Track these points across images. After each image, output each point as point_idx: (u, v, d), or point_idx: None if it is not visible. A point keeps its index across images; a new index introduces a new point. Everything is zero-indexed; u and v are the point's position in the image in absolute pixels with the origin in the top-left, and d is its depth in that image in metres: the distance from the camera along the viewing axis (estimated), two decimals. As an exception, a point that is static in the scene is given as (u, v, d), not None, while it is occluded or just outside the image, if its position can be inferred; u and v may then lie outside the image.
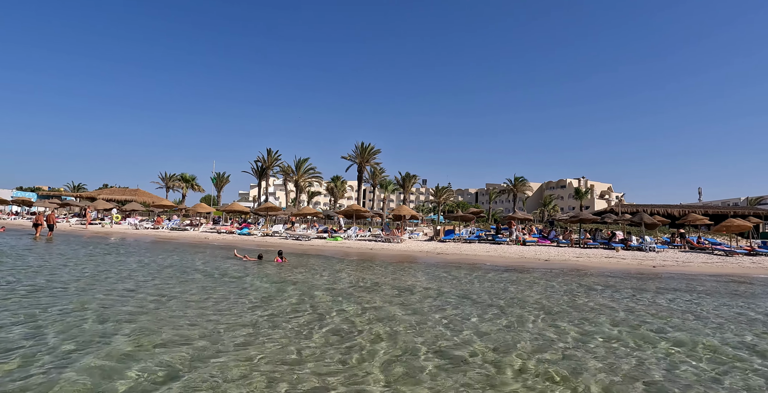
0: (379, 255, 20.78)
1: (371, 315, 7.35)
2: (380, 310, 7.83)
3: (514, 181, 78.25)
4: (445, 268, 16.21)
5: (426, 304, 8.58)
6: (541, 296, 10.04)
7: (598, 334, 6.58)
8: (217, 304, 7.72)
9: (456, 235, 29.47)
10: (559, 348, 5.76)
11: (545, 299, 9.64)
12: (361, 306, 8.11)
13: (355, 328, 6.43)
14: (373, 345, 5.56)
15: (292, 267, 14.42)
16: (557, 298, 9.82)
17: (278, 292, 9.28)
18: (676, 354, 5.73)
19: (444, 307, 8.34)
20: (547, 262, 19.20)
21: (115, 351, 4.85)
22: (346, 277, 12.45)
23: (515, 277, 13.92)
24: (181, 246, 22.22)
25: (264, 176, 63.27)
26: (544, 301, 9.44)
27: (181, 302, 7.83)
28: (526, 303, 9.07)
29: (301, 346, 5.39)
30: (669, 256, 23.19)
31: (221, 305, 7.66)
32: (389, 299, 9.01)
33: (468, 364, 4.98)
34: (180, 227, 34.27)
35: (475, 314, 7.74)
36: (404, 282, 11.81)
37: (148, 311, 6.97)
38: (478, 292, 10.39)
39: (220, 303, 7.86)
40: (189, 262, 14.67)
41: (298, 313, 7.26)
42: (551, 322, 7.28)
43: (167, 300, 7.97)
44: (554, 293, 10.63)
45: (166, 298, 8.10)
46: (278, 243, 25.22)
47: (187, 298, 8.22)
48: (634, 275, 15.77)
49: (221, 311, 7.16)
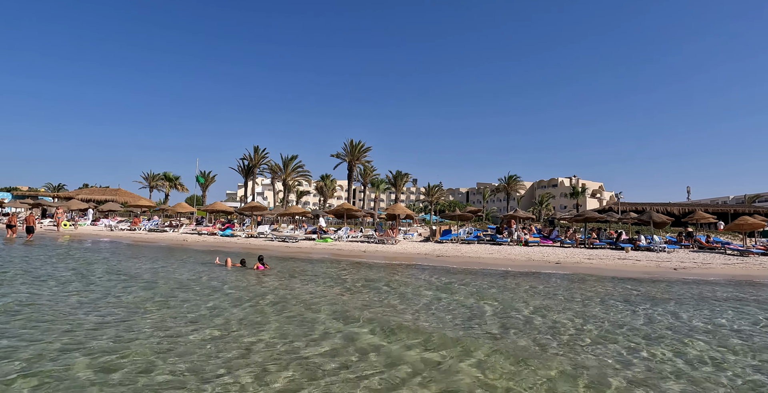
0: (374, 258, 18.91)
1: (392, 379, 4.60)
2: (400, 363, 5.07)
3: (507, 179, 76.90)
4: (453, 274, 14.40)
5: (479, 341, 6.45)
6: (606, 313, 8.30)
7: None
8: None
9: (454, 236, 27.68)
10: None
11: (614, 316, 7.90)
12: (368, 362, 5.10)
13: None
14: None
15: (273, 275, 12.50)
16: (627, 316, 8.09)
17: (241, 324, 6.62)
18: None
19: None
20: (559, 265, 17.46)
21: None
22: (338, 291, 10.55)
23: (540, 286, 12.13)
24: (153, 250, 20.16)
25: (251, 175, 60.95)
26: (616, 318, 7.68)
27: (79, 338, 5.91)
28: (602, 326, 7.28)
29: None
30: (682, 256, 21.64)
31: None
32: (411, 339, 6.06)
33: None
34: (158, 228, 32.07)
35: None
36: (420, 297, 9.90)
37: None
38: (524, 313, 8.39)
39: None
40: (146, 271, 12.68)
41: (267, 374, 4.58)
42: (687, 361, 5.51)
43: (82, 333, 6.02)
44: (613, 308, 8.89)
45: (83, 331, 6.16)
46: (263, 245, 23.22)
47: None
48: (672, 280, 14.11)
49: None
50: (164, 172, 61.07)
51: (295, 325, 6.69)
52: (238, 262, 13.98)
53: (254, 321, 6.89)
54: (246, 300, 8.53)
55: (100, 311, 7.14)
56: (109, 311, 7.15)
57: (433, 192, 73.45)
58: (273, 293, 9.46)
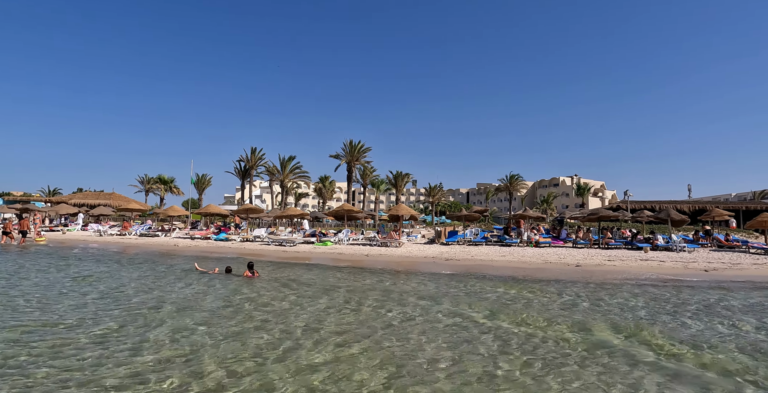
0: (378, 263, 17.48)
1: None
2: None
3: (509, 179, 75.45)
4: (469, 281, 12.97)
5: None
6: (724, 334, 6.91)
7: None
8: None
9: (460, 237, 26.25)
10: None
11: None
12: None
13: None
14: None
15: (263, 285, 11.05)
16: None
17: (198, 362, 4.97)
18: None
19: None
20: (580, 268, 16.04)
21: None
22: (335, 310, 9.14)
23: (583, 294, 10.71)
24: (136, 256, 18.72)
25: (248, 177, 59.42)
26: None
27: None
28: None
29: None
30: (706, 256, 20.24)
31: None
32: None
33: None
34: (150, 233, 30.61)
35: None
36: (453, 329, 8.45)
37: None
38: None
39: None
40: (108, 279, 11.27)
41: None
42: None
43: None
44: (713, 323, 7.47)
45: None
46: (258, 249, 21.79)
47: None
48: (711, 284, 12.70)
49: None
50: (159, 174, 59.52)
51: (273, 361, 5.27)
52: (224, 270, 12.51)
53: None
54: (212, 324, 7.09)
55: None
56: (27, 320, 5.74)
57: (435, 192, 71.97)
58: (255, 313, 8.03)
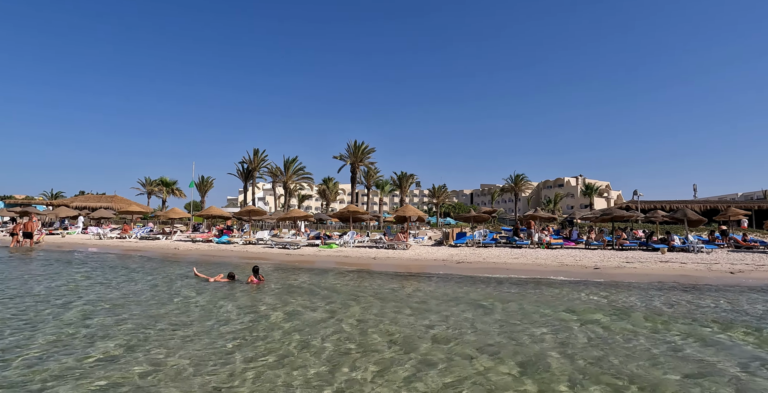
0: (386, 266, 16.74)
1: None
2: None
3: (514, 179, 74.69)
4: (487, 286, 12.22)
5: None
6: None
7: None
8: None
9: (468, 238, 25.49)
10: None
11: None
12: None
13: None
14: None
15: (269, 292, 10.34)
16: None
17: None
18: None
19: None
20: (599, 270, 15.25)
21: None
22: (348, 319, 8.42)
23: (627, 302, 9.95)
24: (133, 260, 18.05)
25: (250, 178, 58.82)
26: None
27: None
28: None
29: None
30: (726, 257, 19.44)
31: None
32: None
33: None
34: (150, 236, 29.95)
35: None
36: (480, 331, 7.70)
37: None
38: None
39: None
40: (92, 289, 10.57)
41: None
42: None
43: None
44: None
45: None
46: (261, 253, 21.08)
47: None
48: (752, 289, 11.92)
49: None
50: (160, 177, 59.00)
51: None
52: (226, 276, 11.76)
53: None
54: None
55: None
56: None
57: (439, 194, 71.22)
58: (267, 329, 7.31)
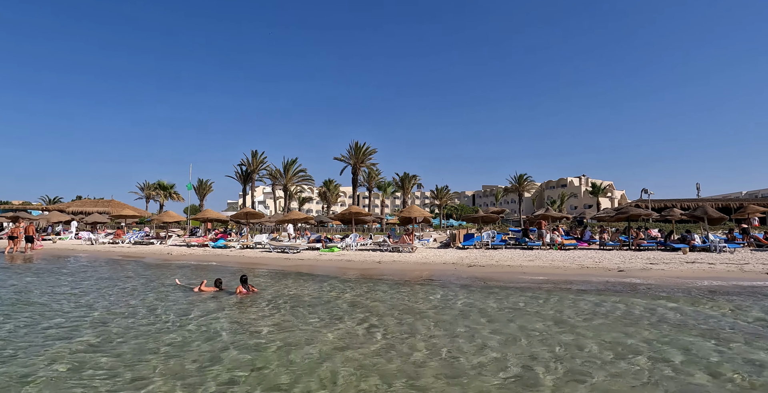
0: (392, 271, 15.51)
1: None
2: None
3: (518, 179, 73.47)
4: (512, 293, 10.98)
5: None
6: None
7: None
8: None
9: (477, 240, 24.25)
10: None
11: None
12: None
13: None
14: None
15: (256, 307, 9.08)
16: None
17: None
18: None
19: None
20: (623, 273, 14.00)
21: None
22: (357, 348, 7.17)
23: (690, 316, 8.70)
24: (121, 266, 16.84)
25: (249, 181, 57.61)
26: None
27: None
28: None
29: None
30: (751, 256, 18.13)
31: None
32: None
33: None
34: (144, 241, 28.76)
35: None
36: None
37: None
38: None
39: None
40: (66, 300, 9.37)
41: None
42: None
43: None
44: None
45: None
46: (258, 257, 19.86)
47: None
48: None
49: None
50: (158, 180, 57.90)
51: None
52: (213, 284, 10.52)
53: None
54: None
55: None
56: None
57: (442, 195, 70.00)
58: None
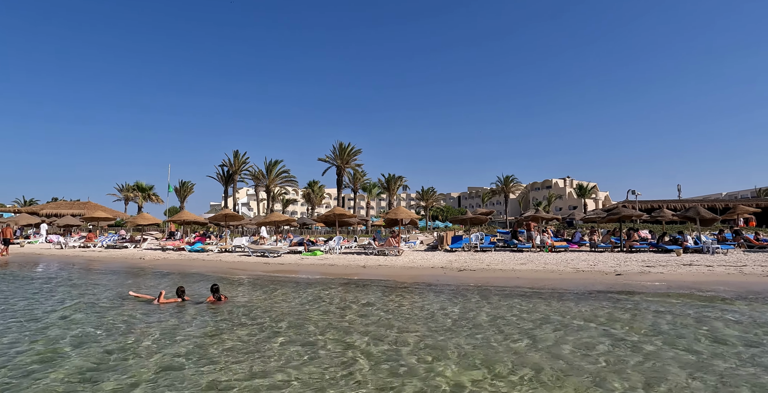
0: (378, 275, 14.58)
1: None
2: None
3: (504, 180, 73.30)
4: (512, 303, 10.14)
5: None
6: None
7: None
8: None
9: (465, 242, 23.48)
10: None
11: None
12: None
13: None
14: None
15: (219, 323, 8.06)
16: None
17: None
18: None
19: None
20: (621, 277, 13.29)
21: None
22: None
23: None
24: (84, 274, 15.65)
25: (231, 182, 56.16)
26: None
27: None
28: None
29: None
30: (746, 258, 17.68)
31: None
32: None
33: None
34: (117, 245, 27.39)
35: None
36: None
37: None
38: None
39: None
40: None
41: None
42: None
43: None
44: None
45: None
46: (236, 262, 18.76)
47: None
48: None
49: None
50: (136, 181, 56.09)
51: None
52: (175, 294, 9.33)
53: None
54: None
55: None
56: None
57: (428, 196, 69.35)
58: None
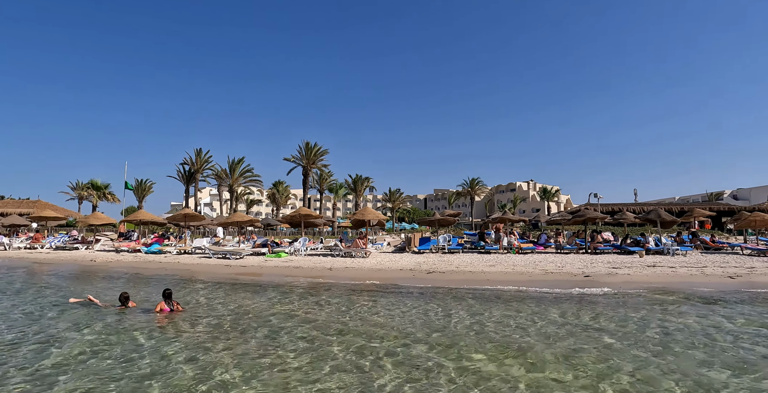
0: (345, 278, 14.07)
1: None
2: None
3: (470, 183, 73.96)
4: (486, 307, 9.83)
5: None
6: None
7: None
8: None
9: (433, 244, 23.26)
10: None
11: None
12: None
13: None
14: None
15: (162, 337, 7.40)
16: None
17: None
18: None
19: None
20: (590, 279, 13.27)
21: None
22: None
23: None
24: (21, 278, 14.49)
25: (193, 181, 54.25)
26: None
27: None
28: None
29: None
30: (705, 259, 18.16)
31: None
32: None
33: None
34: (68, 246, 25.79)
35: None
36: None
37: None
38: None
39: None
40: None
41: None
42: None
43: None
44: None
45: None
46: (195, 264, 17.84)
47: None
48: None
49: None
50: (91, 179, 53.34)
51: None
52: (118, 300, 8.60)
53: None
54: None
55: None
56: None
57: (395, 198, 69.20)
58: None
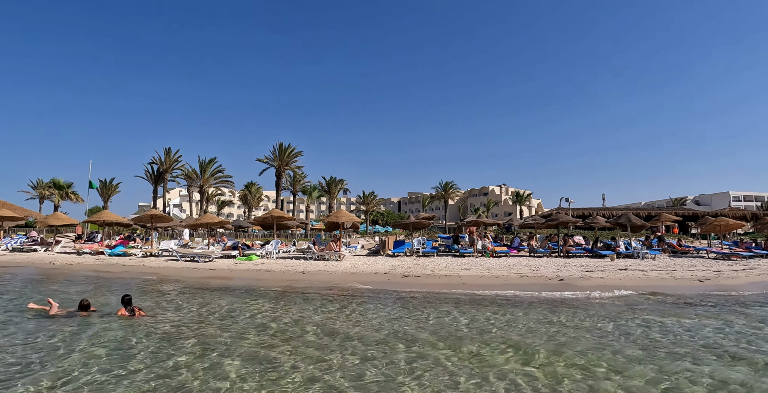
0: (318, 282, 13.70)
1: None
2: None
3: (443, 186, 74.34)
4: (466, 311, 9.64)
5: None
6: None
7: None
8: None
9: (407, 247, 23.08)
10: None
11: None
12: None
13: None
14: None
15: (115, 348, 6.94)
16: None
17: None
18: None
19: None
20: (564, 283, 13.29)
21: None
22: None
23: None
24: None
25: (161, 181, 52.67)
26: None
27: None
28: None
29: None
30: (673, 263, 18.59)
31: None
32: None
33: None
34: (25, 247, 24.51)
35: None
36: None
37: None
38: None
39: None
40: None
41: None
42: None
43: None
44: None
45: None
46: (161, 267, 17.12)
47: None
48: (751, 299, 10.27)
49: None
50: (52, 178, 51.10)
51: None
52: (77, 307, 8.06)
53: None
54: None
55: None
56: None
57: (369, 200, 68.92)
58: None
